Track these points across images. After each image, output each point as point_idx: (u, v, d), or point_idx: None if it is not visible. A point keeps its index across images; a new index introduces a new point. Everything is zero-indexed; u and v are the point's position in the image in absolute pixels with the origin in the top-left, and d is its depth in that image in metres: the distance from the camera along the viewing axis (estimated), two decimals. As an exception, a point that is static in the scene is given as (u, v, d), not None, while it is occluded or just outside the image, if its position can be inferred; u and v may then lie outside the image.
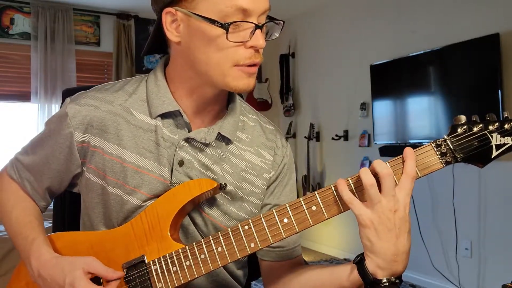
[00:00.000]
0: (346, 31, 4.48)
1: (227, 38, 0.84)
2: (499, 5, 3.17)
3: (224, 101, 1.01)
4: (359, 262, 0.82)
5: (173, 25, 0.89)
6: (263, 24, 0.87)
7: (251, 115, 1.07)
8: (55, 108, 4.53)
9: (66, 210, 1.25)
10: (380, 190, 0.78)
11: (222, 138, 0.98)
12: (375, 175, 0.78)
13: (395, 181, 0.78)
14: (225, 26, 0.83)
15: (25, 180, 1.03)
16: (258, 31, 0.86)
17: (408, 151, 0.79)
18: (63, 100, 1.04)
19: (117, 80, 1.04)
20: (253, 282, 1.53)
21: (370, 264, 0.80)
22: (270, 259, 1.03)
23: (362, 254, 0.83)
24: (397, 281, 0.81)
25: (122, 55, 4.84)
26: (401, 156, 0.80)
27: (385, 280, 0.80)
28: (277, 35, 0.93)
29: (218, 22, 0.83)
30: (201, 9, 0.85)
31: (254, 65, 0.89)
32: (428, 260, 3.61)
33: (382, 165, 0.78)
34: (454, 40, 3.33)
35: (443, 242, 3.56)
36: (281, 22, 0.91)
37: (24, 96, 4.52)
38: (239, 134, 1.01)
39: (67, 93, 1.07)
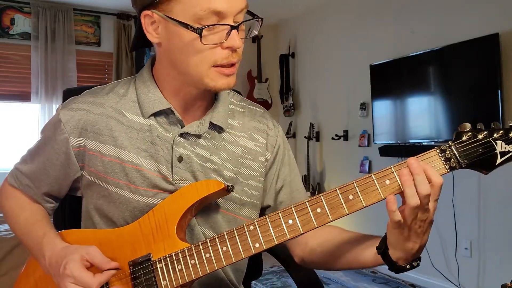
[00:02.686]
0: (345, 31, 4.49)
1: (201, 42, 0.85)
2: (499, 5, 3.18)
3: (211, 95, 1.02)
4: (383, 252, 0.85)
5: (152, 27, 0.91)
6: (239, 24, 0.88)
7: (238, 102, 1.09)
8: (56, 108, 4.53)
9: (66, 210, 1.26)
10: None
11: (214, 127, 1.00)
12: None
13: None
14: (198, 31, 0.84)
15: (26, 186, 1.05)
16: (233, 31, 0.86)
17: (414, 163, 0.79)
18: (64, 100, 1.05)
19: (106, 84, 1.05)
20: (253, 282, 1.54)
21: (394, 255, 0.84)
22: None
23: (385, 242, 0.85)
24: (418, 262, 0.85)
25: (122, 55, 4.84)
26: (404, 162, 0.81)
27: (408, 266, 0.84)
28: (256, 32, 0.94)
29: (191, 27, 0.84)
30: (176, 13, 0.86)
31: (232, 64, 0.90)
32: (428, 260, 3.62)
33: (426, 188, 0.78)
34: (454, 40, 3.33)
35: (442, 242, 3.57)
36: (260, 19, 0.92)
37: (24, 96, 4.52)
38: (230, 121, 1.03)
39: (68, 93, 1.09)
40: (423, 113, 3.60)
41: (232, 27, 0.86)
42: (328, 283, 3.72)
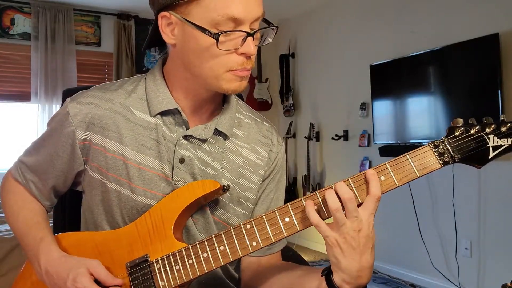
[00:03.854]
0: (346, 31, 4.49)
1: (217, 47, 0.85)
2: (499, 5, 3.18)
3: (219, 99, 1.03)
4: (327, 275, 0.86)
5: (168, 28, 0.91)
6: (254, 32, 0.89)
7: (246, 113, 1.09)
8: (56, 108, 4.54)
9: (66, 210, 1.26)
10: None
11: (219, 134, 1.01)
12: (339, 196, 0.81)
13: (357, 202, 0.81)
14: (215, 36, 0.85)
15: (29, 182, 1.04)
16: (249, 38, 0.87)
17: (370, 172, 0.82)
18: (64, 100, 1.05)
19: (116, 80, 1.06)
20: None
21: (337, 278, 0.84)
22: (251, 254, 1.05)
23: (330, 267, 0.86)
24: None
25: (122, 55, 4.85)
26: (363, 173, 0.82)
27: None
28: (271, 40, 0.95)
29: (208, 31, 0.85)
30: (194, 16, 0.86)
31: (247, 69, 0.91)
32: (428, 260, 3.62)
33: (344, 189, 0.80)
34: (454, 40, 3.34)
35: (443, 242, 3.57)
36: (275, 27, 0.93)
37: (24, 96, 4.53)
38: (235, 130, 1.04)
39: (68, 94, 1.08)
40: (423, 113, 3.60)
41: (248, 34, 0.87)
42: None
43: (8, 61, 4.48)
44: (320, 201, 0.84)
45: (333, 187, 0.82)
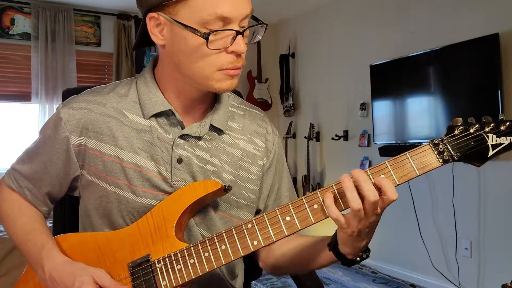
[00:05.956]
0: (346, 31, 4.49)
1: (207, 46, 0.86)
2: (498, 5, 3.18)
3: (212, 96, 1.03)
4: (334, 248, 0.89)
5: (157, 29, 0.91)
6: (244, 30, 0.89)
7: (238, 105, 1.10)
8: (56, 108, 4.53)
9: (66, 211, 1.26)
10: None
11: (215, 130, 1.01)
12: (356, 186, 0.81)
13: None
14: (205, 36, 0.85)
15: (24, 189, 1.03)
16: (239, 36, 0.87)
17: (382, 180, 0.82)
18: (64, 101, 1.04)
19: (107, 84, 1.06)
20: (253, 282, 1.54)
21: (343, 251, 0.88)
22: None
23: (334, 238, 0.89)
24: (368, 253, 0.90)
25: (122, 55, 4.84)
26: (365, 171, 0.83)
27: (358, 259, 0.89)
28: (260, 38, 0.95)
29: (197, 31, 0.85)
30: (182, 16, 0.86)
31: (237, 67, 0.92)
32: (428, 260, 3.62)
33: (371, 191, 0.80)
34: (454, 40, 3.34)
35: (443, 242, 3.57)
36: (265, 24, 0.93)
37: (25, 97, 4.52)
38: (230, 123, 1.04)
39: (68, 94, 1.08)
40: (423, 113, 3.60)
41: (238, 33, 0.87)
42: (328, 283, 3.72)
43: (8, 61, 4.48)
44: (337, 193, 0.84)
45: (336, 184, 0.83)
